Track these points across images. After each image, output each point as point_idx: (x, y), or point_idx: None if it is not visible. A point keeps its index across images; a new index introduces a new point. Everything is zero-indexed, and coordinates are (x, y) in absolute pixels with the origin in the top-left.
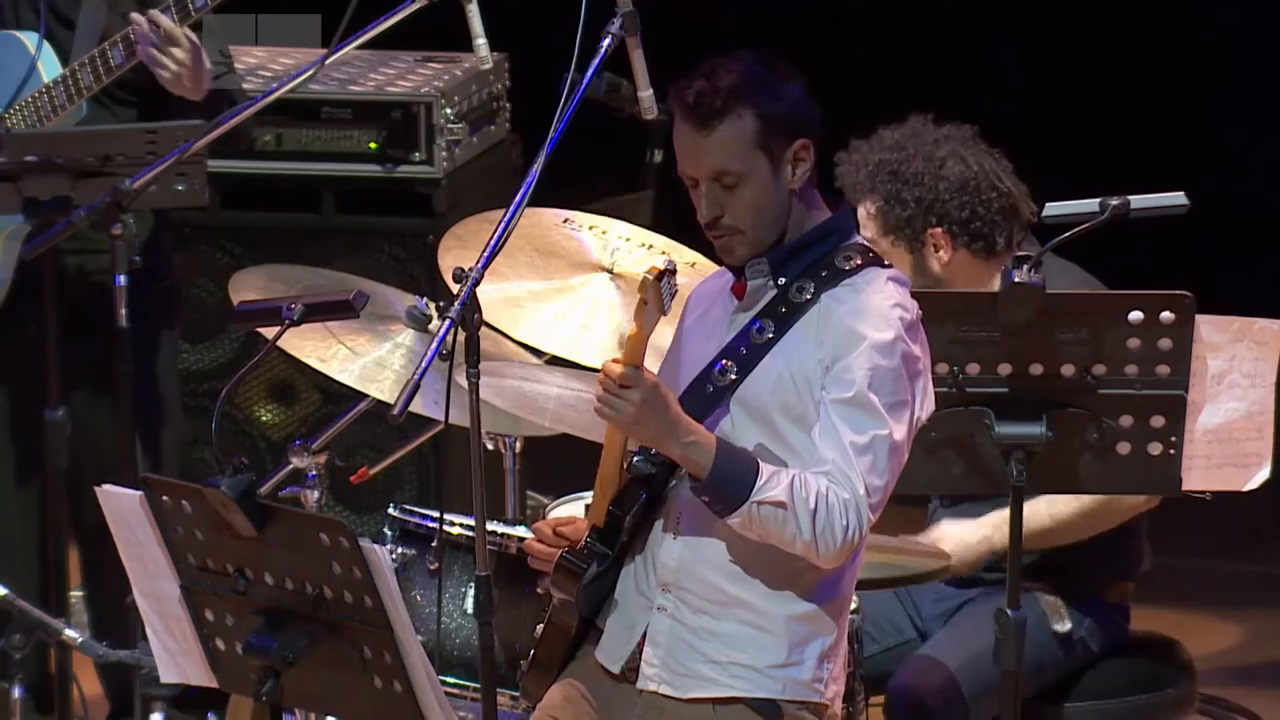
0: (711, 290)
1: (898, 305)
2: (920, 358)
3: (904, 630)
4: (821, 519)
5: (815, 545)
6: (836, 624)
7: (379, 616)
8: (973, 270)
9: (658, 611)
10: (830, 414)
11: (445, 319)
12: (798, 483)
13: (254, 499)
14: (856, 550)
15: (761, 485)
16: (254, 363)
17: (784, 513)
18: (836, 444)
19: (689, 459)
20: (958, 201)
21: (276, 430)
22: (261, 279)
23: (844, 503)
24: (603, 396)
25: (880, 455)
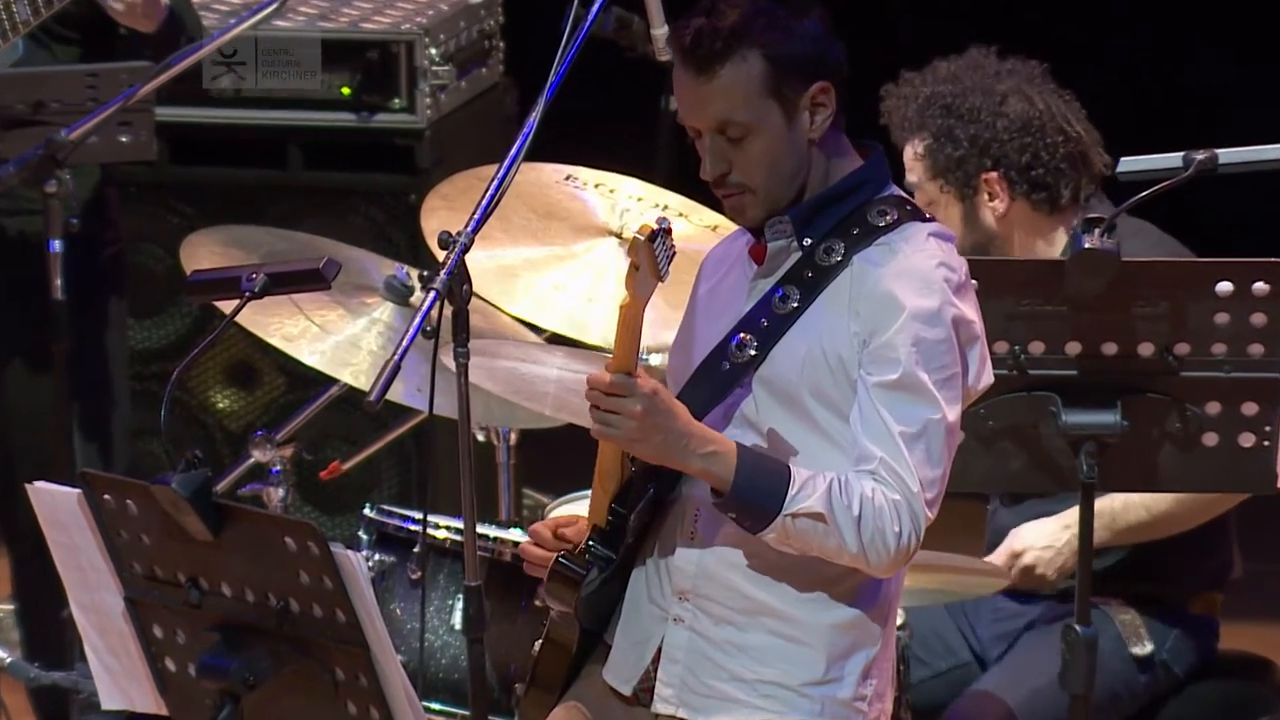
0: (727, 254)
1: (942, 264)
2: (974, 321)
3: (958, 652)
4: (869, 526)
5: (864, 556)
6: (882, 634)
7: (353, 633)
8: (1033, 226)
9: (674, 623)
10: (874, 400)
11: (429, 291)
12: (837, 488)
13: (209, 498)
14: (914, 555)
15: (794, 495)
16: (209, 341)
17: (823, 525)
18: (883, 436)
19: (709, 472)
20: (1018, 143)
21: (235, 419)
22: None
23: (894, 505)
24: (595, 414)
25: (935, 443)
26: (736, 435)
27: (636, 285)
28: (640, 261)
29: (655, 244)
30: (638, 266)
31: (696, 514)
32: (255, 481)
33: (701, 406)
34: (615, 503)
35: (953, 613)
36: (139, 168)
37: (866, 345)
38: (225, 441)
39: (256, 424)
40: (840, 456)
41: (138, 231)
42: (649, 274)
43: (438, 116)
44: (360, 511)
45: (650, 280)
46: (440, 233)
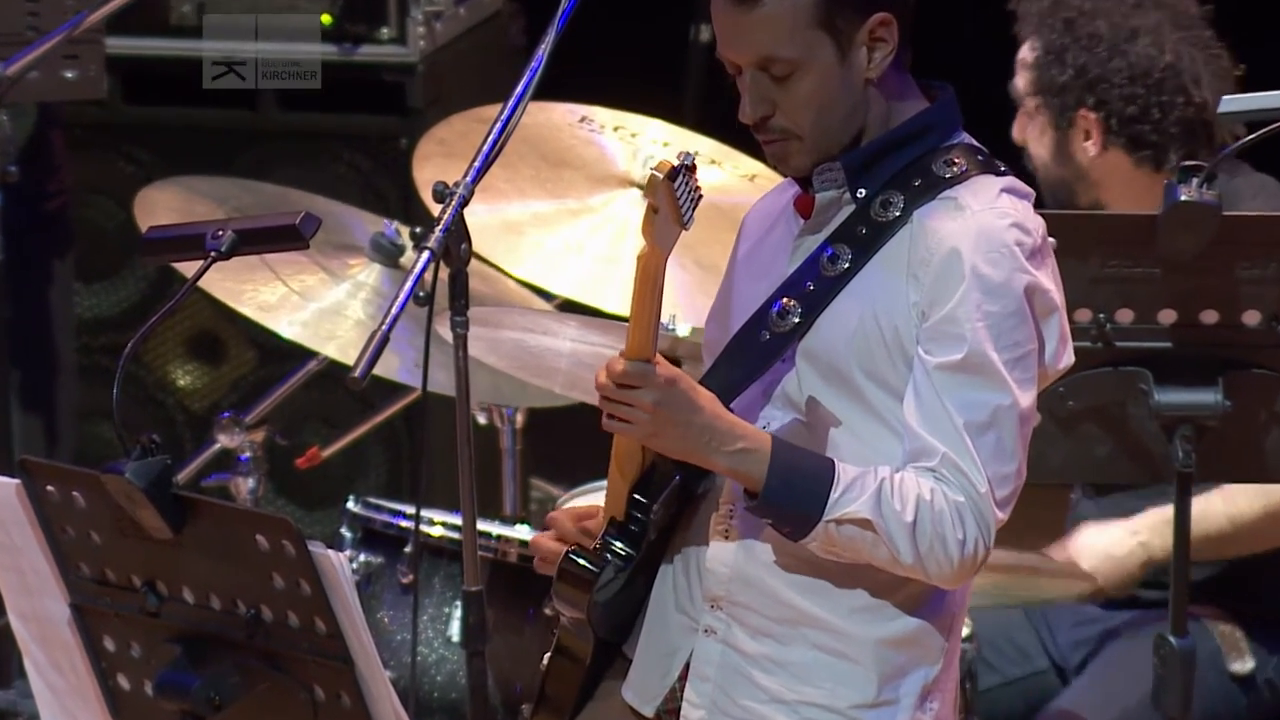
0: (772, 209)
1: (1015, 225)
2: (1050, 291)
3: (1034, 658)
4: (926, 534)
5: (922, 567)
6: (944, 649)
7: (334, 645)
8: (1130, 181)
9: (704, 635)
10: (934, 385)
11: (423, 251)
12: (889, 490)
13: (168, 489)
14: (982, 564)
15: (838, 498)
16: (168, 308)
17: (872, 534)
18: (945, 427)
19: (738, 471)
20: (1127, 90)
21: (198, 398)
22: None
23: (957, 508)
24: (606, 405)
25: (1007, 434)
26: (777, 416)
27: (656, 232)
28: (659, 204)
29: (676, 183)
30: (656, 209)
31: (731, 507)
32: (221, 470)
33: (737, 383)
34: (636, 491)
35: (1030, 615)
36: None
37: (926, 318)
38: (187, 424)
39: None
40: (896, 444)
41: (85, 181)
42: (670, 219)
43: (432, 49)
44: (343, 505)
45: (672, 227)
46: (435, 183)
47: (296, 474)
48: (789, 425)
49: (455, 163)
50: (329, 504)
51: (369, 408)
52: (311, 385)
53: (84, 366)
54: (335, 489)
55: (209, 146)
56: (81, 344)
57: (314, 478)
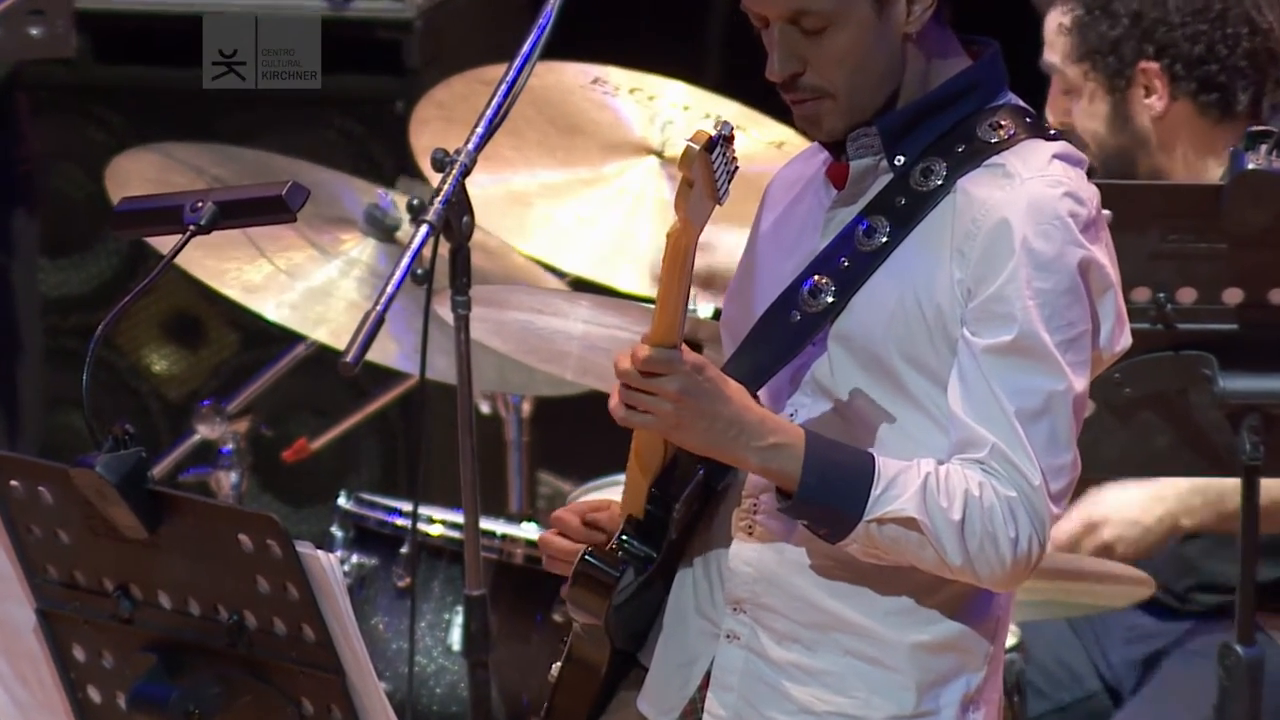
0: (798, 177)
1: (1069, 194)
2: (1106, 266)
3: (1084, 680)
4: (976, 533)
5: (973, 569)
6: (988, 654)
7: (324, 655)
8: (1197, 134)
9: (727, 640)
10: (981, 369)
11: (421, 224)
12: (934, 485)
13: (143, 484)
14: (1037, 564)
15: (879, 496)
16: (142, 287)
17: (917, 534)
18: (994, 415)
19: (770, 468)
20: (1191, 29)
21: (176, 385)
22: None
23: (1008, 504)
24: (625, 394)
25: (1061, 421)
26: (806, 404)
27: (689, 207)
28: (694, 177)
29: (714, 155)
30: (691, 183)
31: (756, 503)
32: (201, 464)
33: (764, 369)
34: (655, 487)
35: (1079, 631)
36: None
37: (972, 297)
38: (163, 413)
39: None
40: (940, 435)
41: (53, 148)
42: (704, 193)
43: (431, 3)
44: (334, 502)
45: (706, 202)
46: (435, 151)
47: (283, 468)
48: (820, 414)
49: (456, 128)
50: (318, 501)
51: (362, 396)
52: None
53: (50, 350)
54: (325, 484)
55: (187, 110)
56: (48, 325)
57: (302, 472)
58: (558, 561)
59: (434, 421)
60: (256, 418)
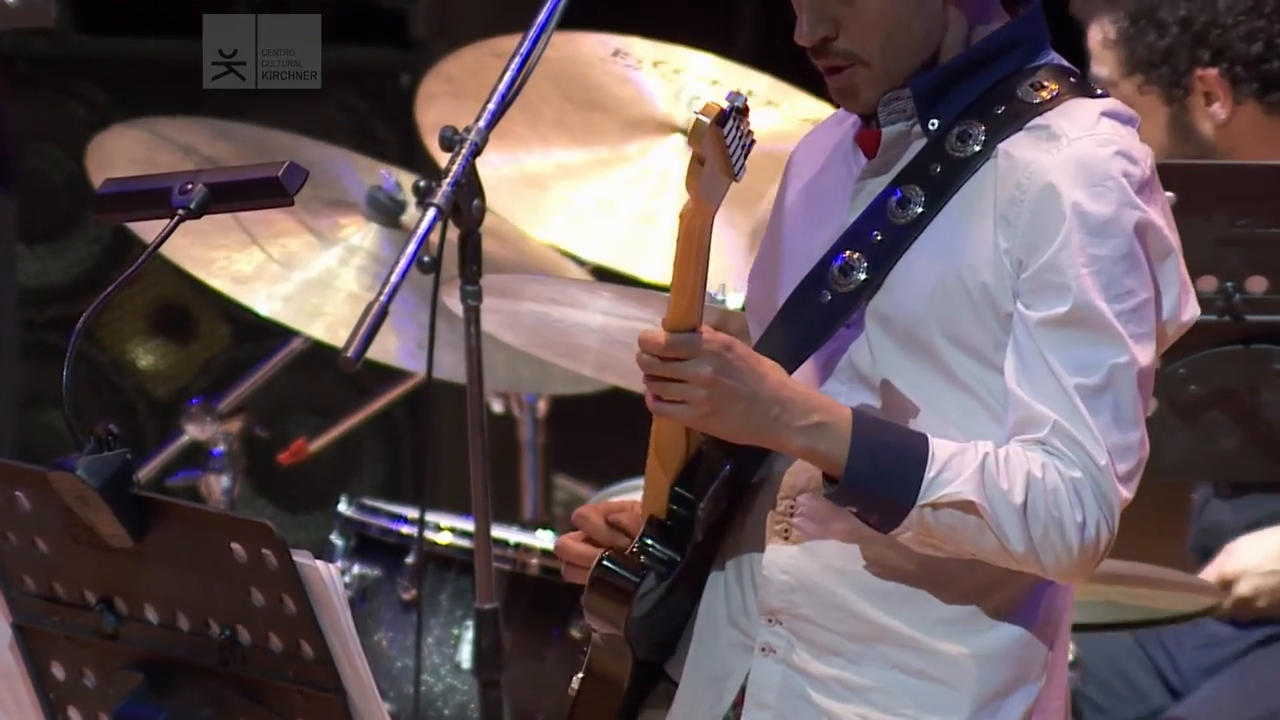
0: (825, 144)
1: (1121, 153)
2: (1164, 228)
3: (1150, 696)
4: (1040, 517)
5: (1036, 558)
6: (1047, 662)
7: (323, 673)
8: (1267, 134)
9: (761, 654)
10: (1037, 344)
11: (428, 208)
12: (993, 465)
13: (128, 489)
14: (1107, 551)
15: (934, 478)
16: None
17: (975, 519)
18: (1053, 391)
19: (814, 451)
20: (1246, 27)
21: (162, 381)
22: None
23: (1074, 485)
24: (650, 384)
25: (1125, 396)
26: (842, 391)
27: (701, 186)
28: (705, 153)
29: (726, 129)
30: (703, 160)
31: (794, 505)
32: (191, 467)
33: (793, 355)
34: (679, 485)
35: (1143, 640)
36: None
37: (1023, 268)
38: (149, 412)
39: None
40: (991, 422)
41: (31, 125)
42: (718, 170)
43: None
44: (334, 508)
45: (720, 179)
46: (443, 128)
47: (279, 471)
48: (858, 403)
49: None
50: (317, 507)
51: (364, 394)
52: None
53: (27, 344)
54: (325, 489)
55: (175, 84)
56: (24, 318)
57: (300, 476)
58: (577, 569)
59: (442, 421)
60: (250, 417)
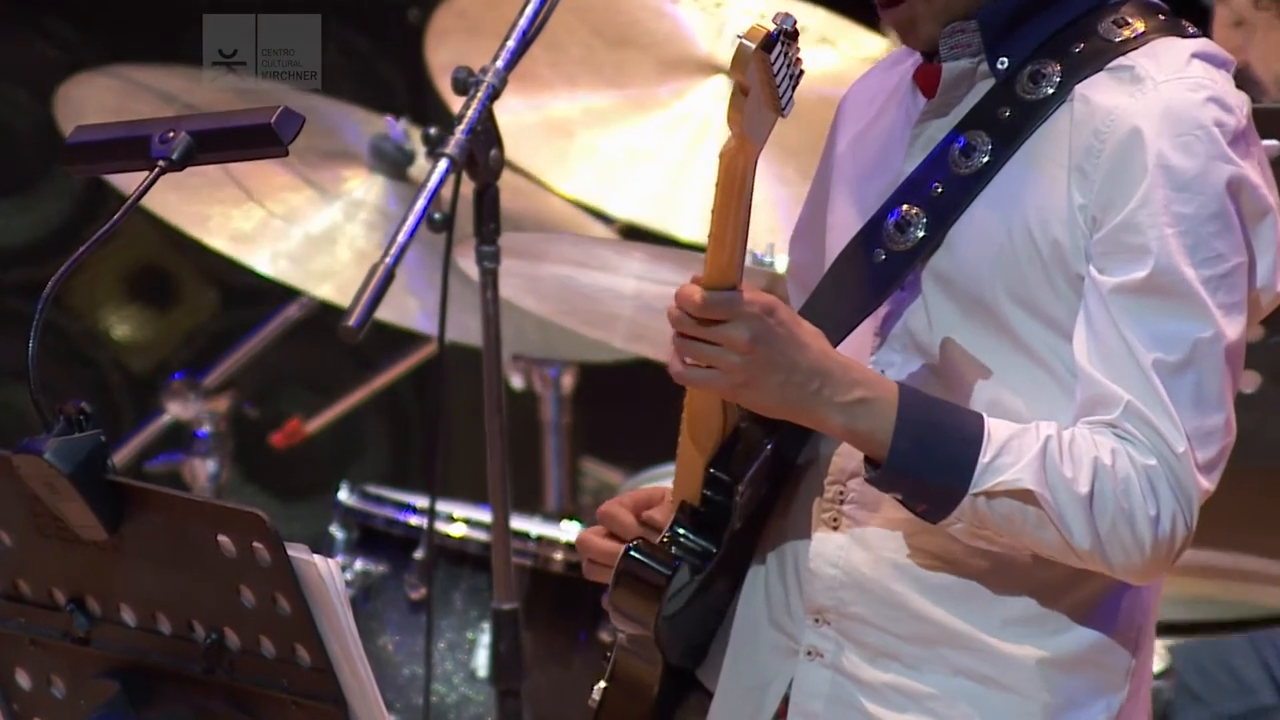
0: (879, 89)
1: (1213, 100)
2: (1260, 186)
3: (1256, 691)
4: (1108, 509)
5: (1102, 555)
6: (1129, 669)
7: (321, 681)
8: None
9: (807, 658)
10: (1111, 313)
11: (439, 158)
12: (1056, 451)
13: (102, 474)
14: (1183, 549)
15: (989, 463)
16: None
17: (1034, 510)
18: (1128, 368)
19: (855, 431)
20: None
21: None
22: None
23: (1147, 474)
24: (680, 346)
25: (1210, 375)
26: (895, 361)
27: (745, 120)
28: (750, 82)
29: (773, 55)
30: (747, 90)
31: (843, 491)
32: (173, 450)
33: (843, 321)
34: (714, 467)
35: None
36: None
37: (1098, 226)
38: (126, 388)
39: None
40: (1063, 397)
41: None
42: (763, 103)
43: None
44: (334, 496)
45: (765, 113)
46: (456, 70)
47: (272, 455)
48: (913, 373)
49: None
50: (315, 495)
51: (368, 367)
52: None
53: None
54: (323, 475)
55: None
56: None
57: (295, 460)
58: (599, 567)
59: (455, 398)
60: (239, 394)
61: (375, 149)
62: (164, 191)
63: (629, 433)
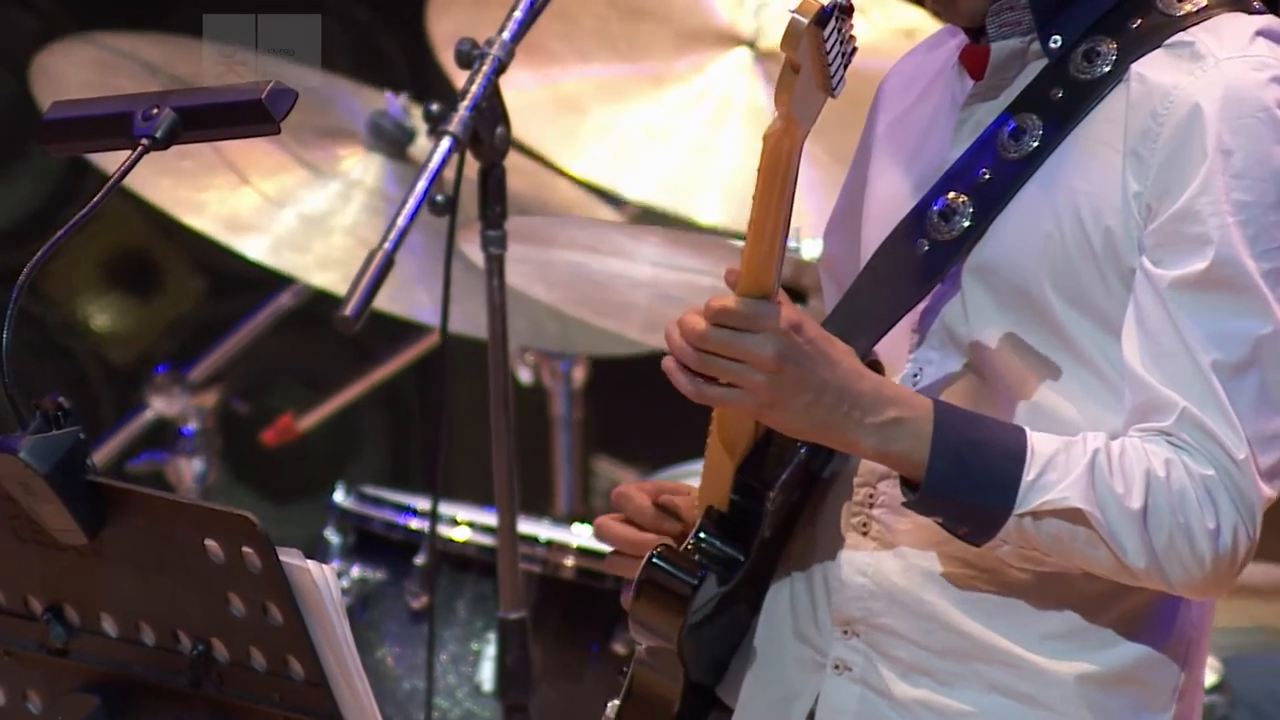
0: (922, 70)
1: (1277, 80)
2: None
3: None
4: (1164, 525)
5: (1160, 571)
6: (1176, 691)
7: (315, 696)
8: None
9: (835, 672)
10: (1167, 309)
11: (441, 136)
12: (1105, 465)
13: (81, 474)
14: (1245, 563)
15: (1034, 482)
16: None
17: (1084, 530)
18: (1184, 370)
19: (889, 452)
20: None
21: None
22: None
23: (1205, 485)
24: (698, 362)
25: (1273, 375)
26: (934, 359)
27: (794, 101)
28: (800, 60)
29: (827, 31)
30: (797, 68)
31: (873, 494)
32: (157, 448)
33: (884, 317)
34: (743, 471)
35: None
36: None
37: (1153, 215)
38: (107, 382)
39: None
40: (1116, 401)
41: None
42: (814, 82)
43: None
44: (329, 498)
45: (815, 94)
46: (459, 41)
47: (263, 454)
48: (952, 373)
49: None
50: (309, 496)
51: (366, 360)
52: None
53: None
54: (318, 475)
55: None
56: None
57: (287, 459)
58: (623, 560)
59: (458, 393)
60: (227, 388)
61: (373, 126)
62: (148, 172)
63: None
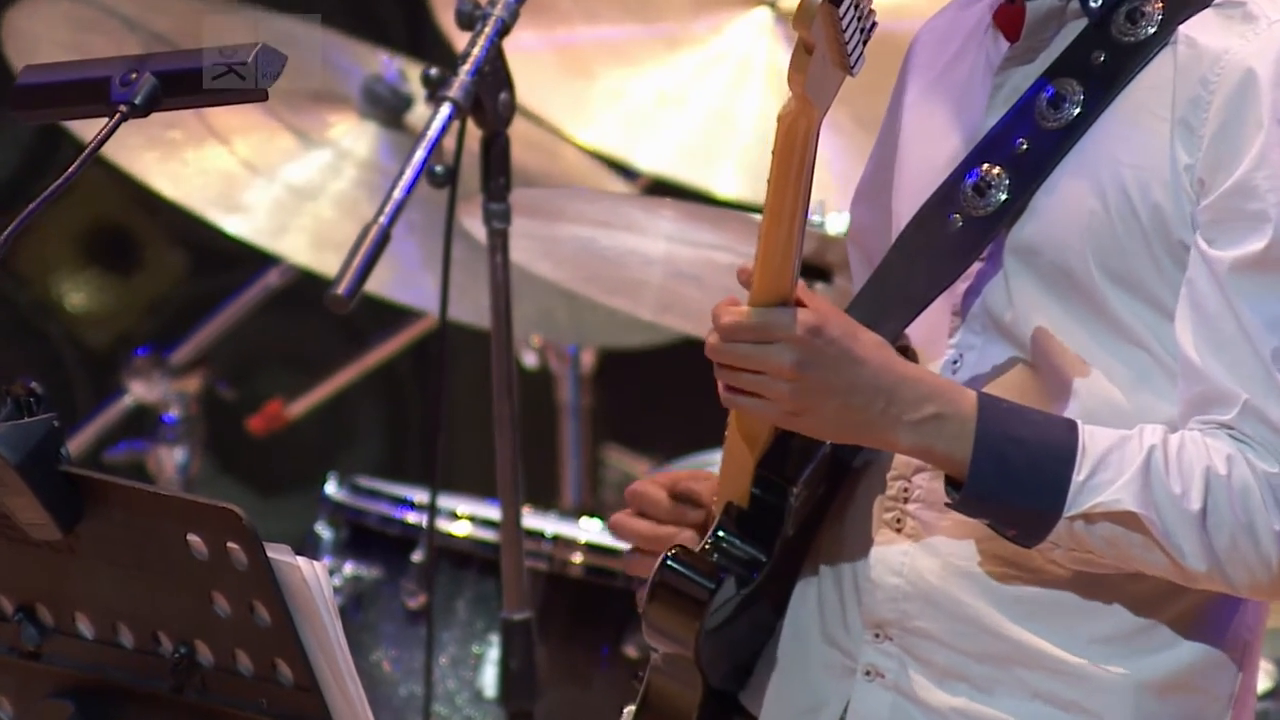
0: (954, 30)
1: None
2: None
3: None
4: (1225, 526)
5: (1222, 574)
6: (1231, 696)
7: (305, 701)
8: None
9: (866, 678)
10: (1224, 293)
11: (441, 102)
12: (1160, 463)
13: (55, 464)
14: None
15: (1085, 482)
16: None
17: (1140, 534)
18: (1244, 358)
19: (931, 450)
20: None
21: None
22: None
23: (1269, 483)
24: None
25: None
26: (975, 344)
27: (809, 82)
28: (815, 39)
29: (843, 7)
30: (810, 47)
31: (907, 488)
32: (136, 437)
33: (915, 297)
34: (764, 465)
35: None
36: None
37: (1206, 190)
38: (82, 365)
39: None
40: (1168, 383)
41: None
42: (830, 60)
43: None
44: (320, 490)
45: (832, 72)
46: (460, 1)
47: (249, 443)
48: (995, 359)
49: None
50: (299, 488)
51: (358, 343)
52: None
53: None
54: (308, 466)
55: None
56: None
57: (275, 448)
58: (642, 558)
59: (459, 378)
60: (211, 373)
61: (367, 91)
62: (126, 140)
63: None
